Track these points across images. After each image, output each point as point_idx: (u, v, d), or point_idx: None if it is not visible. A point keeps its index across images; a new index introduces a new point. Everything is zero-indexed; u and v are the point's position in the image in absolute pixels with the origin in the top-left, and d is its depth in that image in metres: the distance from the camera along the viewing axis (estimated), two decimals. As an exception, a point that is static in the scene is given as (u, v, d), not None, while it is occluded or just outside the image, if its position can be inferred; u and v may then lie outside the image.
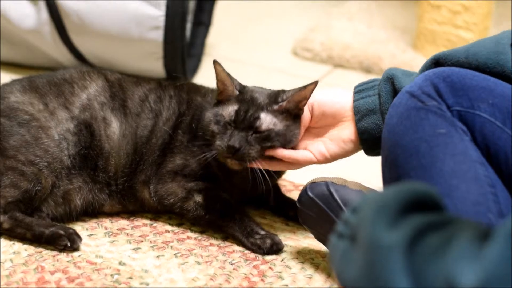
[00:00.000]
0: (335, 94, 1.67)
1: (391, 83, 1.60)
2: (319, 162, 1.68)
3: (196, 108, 1.81)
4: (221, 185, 1.78)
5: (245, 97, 1.68)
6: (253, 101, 1.67)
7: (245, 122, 1.65)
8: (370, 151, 1.65)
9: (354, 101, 1.64)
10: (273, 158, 1.68)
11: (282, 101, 1.67)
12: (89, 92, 1.80)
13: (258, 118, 1.65)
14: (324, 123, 1.68)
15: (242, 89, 1.70)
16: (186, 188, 1.77)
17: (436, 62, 1.52)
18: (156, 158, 1.79)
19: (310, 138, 1.69)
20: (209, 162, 1.75)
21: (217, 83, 1.71)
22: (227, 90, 1.70)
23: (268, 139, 1.65)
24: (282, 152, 1.66)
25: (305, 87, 1.64)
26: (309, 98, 1.66)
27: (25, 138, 1.72)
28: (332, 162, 1.69)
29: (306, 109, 1.67)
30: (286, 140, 1.66)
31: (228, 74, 1.69)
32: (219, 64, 1.69)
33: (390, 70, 1.61)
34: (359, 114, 1.62)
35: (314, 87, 1.65)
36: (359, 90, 1.65)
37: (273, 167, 1.68)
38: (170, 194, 1.78)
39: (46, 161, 1.71)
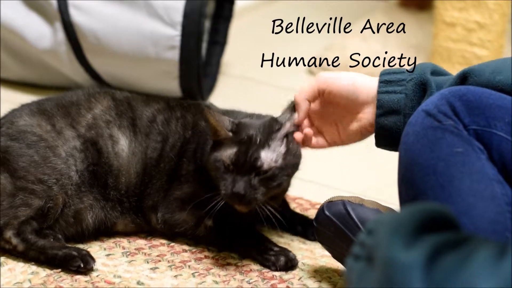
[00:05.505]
0: (353, 78, 1.61)
1: (422, 90, 1.55)
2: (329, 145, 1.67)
3: (200, 135, 1.80)
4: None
5: (241, 137, 1.65)
6: (250, 140, 1.64)
7: (246, 164, 1.63)
8: (381, 144, 1.62)
9: (378, 92, 1.58)
10: None
11: (278, 130, 1.66)
12: (94, 113, 1.82)
13: (258, 157, 1.63)
14: (332, 112, 1.65)
15: (234, 127, 1.67)
16: (195, 216, 1.77)
17: (463, 78, 1.50)
18: (164, 183, 1.79)
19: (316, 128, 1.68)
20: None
21: (209, 126, 1.69)
22: (220, 134, 1.67)
23: (272, 179, 1.64)
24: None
25: (293, 108, 1.65)
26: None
27: (34, 158, 1.74)
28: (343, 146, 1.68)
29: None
30: (291, 168, 1.66)
31: (219, 118, 1.66)
32: (209, 109, 1.67)
33: (424, 74, 1.55)
34: (382, 109, 1.57)
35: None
36: (386, 81, 1.58)
37: None
38: (180, 223, 1.78)
39: (55, 178, 1.73)
